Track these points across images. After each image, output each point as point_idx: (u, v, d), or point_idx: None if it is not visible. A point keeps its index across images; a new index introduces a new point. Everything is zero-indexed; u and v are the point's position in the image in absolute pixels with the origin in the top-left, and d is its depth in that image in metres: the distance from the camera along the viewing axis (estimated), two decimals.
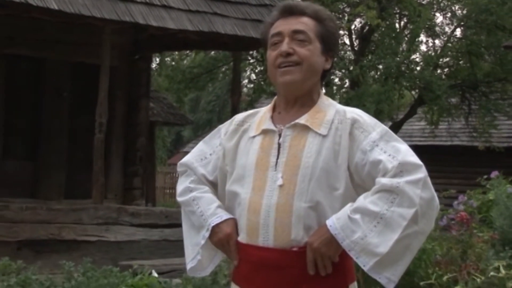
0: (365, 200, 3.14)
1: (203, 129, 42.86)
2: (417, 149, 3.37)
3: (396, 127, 25.06)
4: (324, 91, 22.68)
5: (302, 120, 3.30)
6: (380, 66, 23.43)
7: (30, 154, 14.01)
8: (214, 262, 3.51)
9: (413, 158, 3.18)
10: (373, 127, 3.27)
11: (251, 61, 25.50)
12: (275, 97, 3.46)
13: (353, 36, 25.66)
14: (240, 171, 3.35)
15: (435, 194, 3.19)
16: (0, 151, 13.37)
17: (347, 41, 25.61)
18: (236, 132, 3.45)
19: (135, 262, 10.26)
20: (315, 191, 3.21)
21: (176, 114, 23.83)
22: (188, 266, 3.50)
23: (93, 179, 12.11)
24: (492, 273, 9.82)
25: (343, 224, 3.13)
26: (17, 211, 11.38)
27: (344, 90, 24.53)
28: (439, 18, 25.95)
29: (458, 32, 25.81)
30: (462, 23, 25.14)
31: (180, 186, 3.55)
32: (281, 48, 3.30)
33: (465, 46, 24.56)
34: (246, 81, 27.26)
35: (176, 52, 25.83)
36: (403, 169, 3.14)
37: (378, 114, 23.45)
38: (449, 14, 25.80)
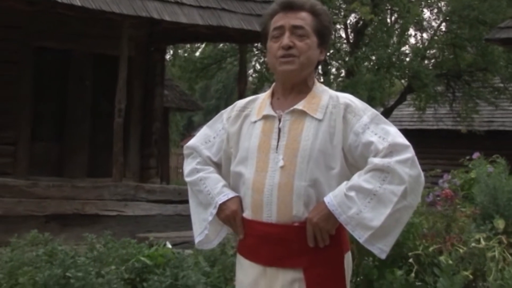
0: (359, 179, 3.15)
1: (212, 114, 42.74)
2: (406, 132, 3.37)
3: (387, 113, 25.07)
4: (322, 80, 22.77)
5: (299, 106, 3.31)
6: (373, 57, 23.40)
7: (57, 137, 14.02)
8: (220, 236, 3.54)
9: (402, 139, 3.20)
10: (364, 111, 3.28)
11: (256, 52, 25.46)
12: (273, 84, 3.46)
13: (349, 30, 25.62)
14: (243, 153, 3.36)
15: (421, 172, 3.21)
16: (30, 134, 13.37)
17: (343, 35, 25.61)
18: (238, 117, 3.46)
19: (151, 235, 10.28)
20: (313, 171, 3.22)
21: (188, 101, 23.83)
22: (196, 240, 3.54)
23: (113, 159, 12.13)
24: (473, 244, 9.83)
25: (339, 201, 3.14)
26: (45, 188, 11.39)
27: (340, 79, 24.56)
28: (426, 13, 25.90)
29: (443, 26, 25.76)
30: (447, 18, 25.09)
31: (187, 167, 3.56)
32: (283, 42, 3.30)
33: (449, 39, 24.57)
34: (251, 70, 27.19)
35: (188, 45, 25.79)
36: (392, 149, 3.15)
37: (370, 101, 23.43)
38: (435, 10, 25.78)
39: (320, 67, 25.07)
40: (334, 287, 3.26)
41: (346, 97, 3.34)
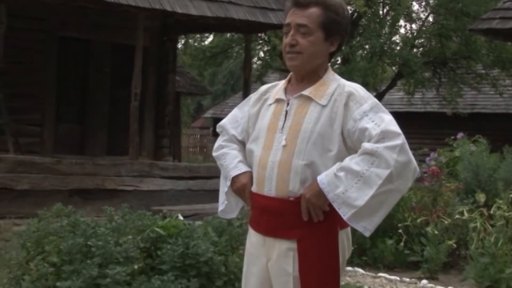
0: (350, 161, 3.15)
1: (219, 98, 42.76)
2: (396, 115, 3.37)
3: (379, 97, 25.02)
4: None
5: (306, 92, 3.32)
6: (367, 46, 23.35)
7: (79, 118, 14.02)
8: (239, 206, 3.58)
9: (394, 127, 3.18)
10: (365, 100, 3.28)
11: (260, 42, 25.40)
12: (291, 73, 3.47)
13: None
14: (256, 132, 3.40)
15: (413, 158, 3.18)
16: (54, 117, 13.38)
17: None
18: (259, 100, 3.50)
19: (164, 208, 10.30)
20: (311, 152, 3.23)
21: (198, 86, 23.80)
22: (219, 209, 3.57)
23: (129, 139, 12.12)
24: (457, 216, 9.84)
25: (329, 179, 3.15)
26: (69, 166, 11.40)
27: (336, 66, 24.49)
28: (415, 6, 25.80)
29: (431, 18, 25.68)
30: (434, 10, 25.00)
31: (216, 144, 3.62)
32: (286, 41, 3.33)
33: (436, 30, 24.48)
34: (255, 58, 27.15)
35: (198, 35, 25.72)
36: (384, 136, 3.13)
37: (364, 86, 23.15)
38: (423, 3, 25.65)
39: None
40: (325, 259, 3.25)
41: (352, 86, 3.35)
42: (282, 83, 3.48)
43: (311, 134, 3.23)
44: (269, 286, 3.35)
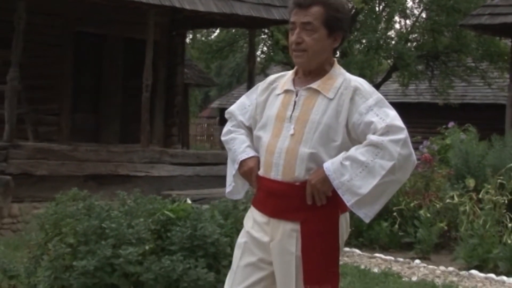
0: (356, 151, 3.15)
1: (226, 89, 42.70)
2: (392, 105, 3.36)
3: (375, 88, 24.94)
4: None
5: (315, 85, 3.32)
6: (364, 41, 23.34)
7: (93, 108, 14.03)
8: (244, 188, 3.57)
9: (399, 122, 3.19)
10: (370, 95, 3.28)
11: (263, 36, 25.35)
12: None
13: None
14: (265, 120, 3.40)
15: (413, 152, 3.19)
16: (71, 107, 13.38)
17: None
18: (267, 89, 3.49)
19: (174, 192, 10.31)
20: (317, 141, 3.23)
21: (205, 78, 23.79)
22: (226, 191, 3.58)
23: (141, 128, 12.12)
24: (448, 200, 9.84)
25: (335, 167, 3.15)
26: (84, 152, 11.42)
27: (335, 59, 24.46)
28: (409, 3, 25.84)
29: (424, 14, 25.60)
30: (427, 7, 24.93)
31: (224, 129, 3.61)
32: (292, 39, 3.32)
33: (429, 25, 24.44)
34: (259, 52, 27.10)
35: (205, 30, 25.68)
36: (389, 129, 3.14)
37: (361, 78, 23.37)
38: (417, 0, 25.57)
39: None
40: (326, 241, 3.26)
41: (358, 81, 3.34)
42: (289, 74, 3.47)
43: (318, 125, 3.23)
44: (267, 263, 3.34)
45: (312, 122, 3.24)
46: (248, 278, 3.36)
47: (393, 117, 3.19)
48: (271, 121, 3.36)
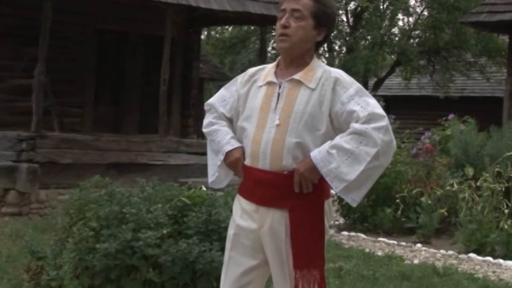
0: (340, 139, 3.11)
1: None
2: (396, 98, 3.35)
3: (380, 82, 24.96)
4: (327, 55, 22.48)
5: (297, 76, 3.26)
6: (369, 37, 23.29)
7: (115, 101, 14.03)
8: (228, 178, 3.50)
9: (379, 110, 3.15)
10: (351, 85, 3.22)
11: (274, 33, 25.31)
12: (279, 57, 3.41)
13: (349, 15, 25.37)
14: (248, 112, 3.32)
15: (393, 138, 3.15)
16: (93, 99, 13.41)
17: (345, 19, 25.35)
18: (248, 81, 3.40)
19: (190, 180, 10.31)
20: (302, 131, 3.18)
21: (219, 72, 23.77)
22: (209, 180, 3.53)
23: (159, 119, 12.14)
24: (448, 188, 9.81)
25: (323, 156, 3.11)
26: (106, 142, 11.45)
27: (342, 54, 24.42)
28: (412, 1, 25.63)
29: (426, 12, 25.49)
30: (429, 5, 24.82)
31: (205, 120, 3.53)
32: (280, 23, 3.27)
33: (430, 22, 24.35)
34: (270, 48, 27.04)
35: (219, 27, 25.67)
36: (371, 118, 3.10)
37: (366, 72, 23.33)
38: None
39: (325, 45, 24.99)
40: (313, 227, 3.23)
41: (337, 72, 3.29)
42: (270, 67, 3.40)
43: (302, 115, 3.18)
44: (259, 250, 3.32)
45: (296, 113, 3.19)
46: (239, 267, 3.31)
47: (373, 105, 3.15)
48: (256, 112, 3.28)
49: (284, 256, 3.23)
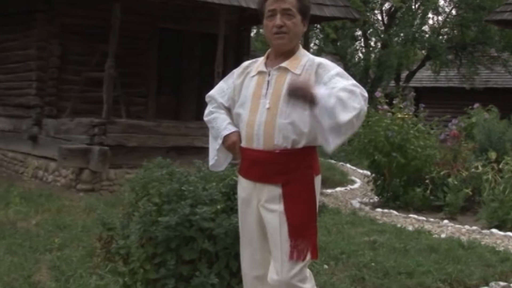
0: (334, 90, 3.02)
1: None
2: (426, 89, 3.29)
3: (411, 74, 24.67)
4: (364, 50, 22.23)
5: (284, 64, 3.27)
6: (401, 34, 22.96)
7: (174, 91, 14.12)
8: (227, 161, 3.55)
9: (358, 84, 3.12)
10: (333, 68, 3.22)
11: (316, 31, 25.10)
12: (269, 50, 3.41)
13: (384, 14, 25.06)
14: (243, 99, 3.35)
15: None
16: (156, 90, 13.52)
17: (380, 17, 25.06)
18: (242, 73, 3.44)
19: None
20: (291, 112, 3.17)
21: None
22: (210, 163, 3.55)
23: None
24: (473, 170, 9.69)
25: (324, 95, 2.98)
26: (167, 128, 11.54)
27: (377, 50, 24.20)
28: (441, 1, 25.22)
29: (454, 11, 25.07)
30: (457, 5, 24.42)
31: (206, 110, 3.57)
32: (276, 22, 3.26)
33: (458, 21, 23.97)
34: (312, 44, 26.88)
35: None
36: (357, 86, 3.08)
37: (399, 66, 23.11)
38: None
39: (362, 40, 24.75)
40: (305, 199, 3.23)
41: (320, 59, 3.30)
42: (261, 59, 3.41)
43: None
44: (261, 223, 3.33)
45: (284, 96, 3.17)
46: (252, 237, 3.38)
47: (354, 82, 3.12)
48: (249, 99, 3.30)
49: (279, 226, 3.22)
